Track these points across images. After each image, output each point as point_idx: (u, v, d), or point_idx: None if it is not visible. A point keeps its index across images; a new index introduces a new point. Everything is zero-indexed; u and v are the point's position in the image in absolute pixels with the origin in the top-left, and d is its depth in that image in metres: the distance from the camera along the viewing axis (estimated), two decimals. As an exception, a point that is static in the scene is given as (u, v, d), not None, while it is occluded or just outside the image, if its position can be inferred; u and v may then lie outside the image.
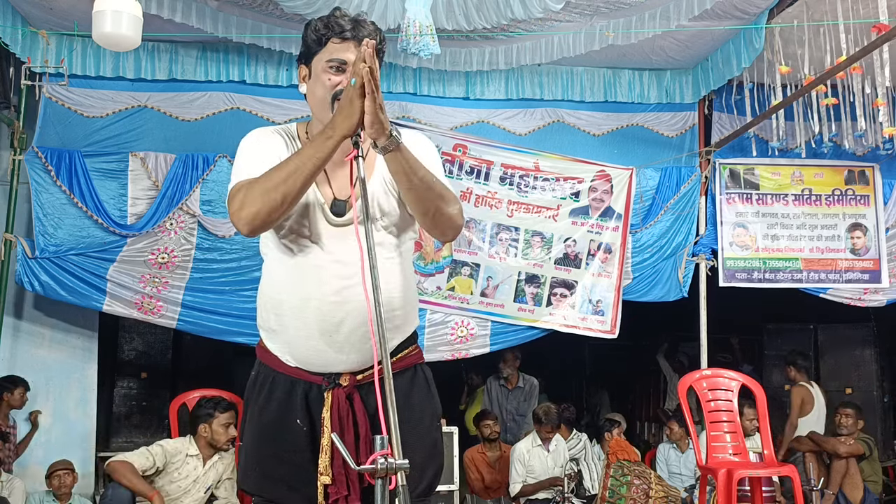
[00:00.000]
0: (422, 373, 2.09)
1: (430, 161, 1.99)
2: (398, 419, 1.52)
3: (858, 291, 6.02)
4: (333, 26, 1.95)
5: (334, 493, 1.93)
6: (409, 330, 2.06)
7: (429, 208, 1.91)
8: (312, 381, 1.99)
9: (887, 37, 4.10)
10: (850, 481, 5.51)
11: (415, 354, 2.08)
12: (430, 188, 1.89)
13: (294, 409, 1.99)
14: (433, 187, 1.89)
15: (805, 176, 6.08)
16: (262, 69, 5.56)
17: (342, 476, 1.93)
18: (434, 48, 4.43)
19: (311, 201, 1.95)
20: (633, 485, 5.27)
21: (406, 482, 1.49)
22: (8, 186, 5.23)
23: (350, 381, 1.97)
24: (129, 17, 4.03)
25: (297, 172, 1.79)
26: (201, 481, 4.42)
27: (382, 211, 1.97)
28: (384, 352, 1.59)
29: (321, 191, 1.97)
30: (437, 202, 1.91)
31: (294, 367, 2.01)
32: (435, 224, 1.96)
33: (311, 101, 2.02)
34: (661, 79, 6.01)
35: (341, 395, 1.96)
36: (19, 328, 5.35)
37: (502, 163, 5.72)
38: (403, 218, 2.02)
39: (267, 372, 2.05)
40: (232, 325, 5.29)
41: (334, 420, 1.94)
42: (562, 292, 5.76)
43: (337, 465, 1.93)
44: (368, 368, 1.96)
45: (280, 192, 1.79)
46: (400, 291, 1.99)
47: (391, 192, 1.99)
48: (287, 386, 2.01)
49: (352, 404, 1.97)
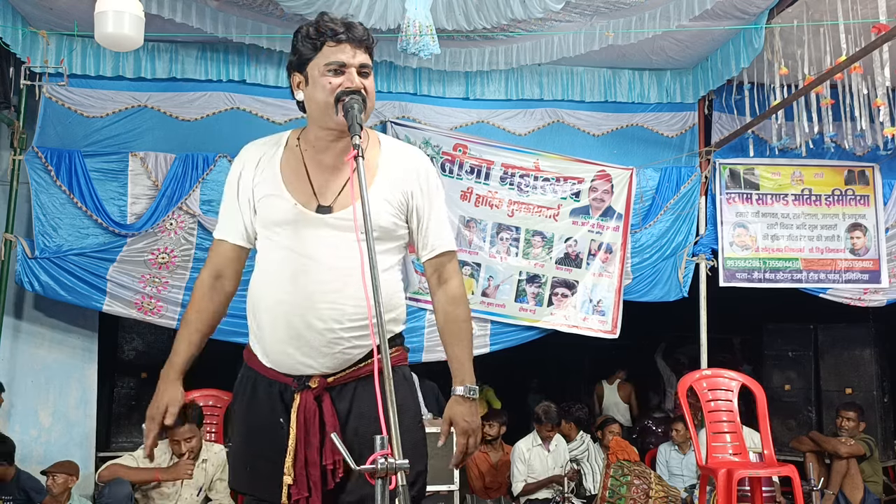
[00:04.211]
0: (402, 374, 2.08)
1: (435, 203, 2.13)
2: (373, 420, 1.54)
3: (858, 291, 6.02)
4: (327, 31, 1.98)
5: (296, 494, 1.95)
6: (390, 334, 2.06)
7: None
8: (286, 382, 2.03)
9: (887, 37, 4.10)
10: (851, 482, 5.51)
11: (394, 356, 2.06)
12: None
13: (276, 410, 2.02)
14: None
15: (805, 176, 6.08)
16: (262, 69, 5.56)
17: (303, 477, 1.95)
18: (434, 48, 4.43)
19: (288, 205, 2.01)
20: (633, 485, 5.27)
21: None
22: (8, 186, 5.23)
23: (320, 384, 1.99)
24: (131, 17, 4.03)
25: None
26: (192, 483, 4.44)
27: (376, 225, 1.99)
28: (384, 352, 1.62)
29: (299, 197, 2.01)
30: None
31: (269, 368, 2.05)
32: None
33: (310, 107, 2.04)
34: (661, 79, 6.01)
35: (309, 397, 1.98)
36: (19, 328, 5.34)
37: (502, 163, 5.72)
38: (395, 235, 2.08)
39: (249, 373, 2.10)
40: (232, 325, 5.20)
41: (300, 421, 1.97)
42: (563, 292, 5.76)
43: (299, 466, 1.96)
44: (339, 372, 2.00)
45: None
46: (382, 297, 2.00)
47: (389, 211, 2.04)
48: (266, 387, 2.05)
49: (320, 406, 1.98)
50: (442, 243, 2.15)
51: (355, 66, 1.98)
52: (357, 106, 1.91)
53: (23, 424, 5.23)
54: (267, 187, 2.05)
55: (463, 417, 2.08)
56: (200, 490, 4.51)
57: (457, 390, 2.09)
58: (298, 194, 2.02)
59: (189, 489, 4.45)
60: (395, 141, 2.19)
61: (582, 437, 6.13)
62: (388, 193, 2.04)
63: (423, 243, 2.14)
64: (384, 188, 2.03)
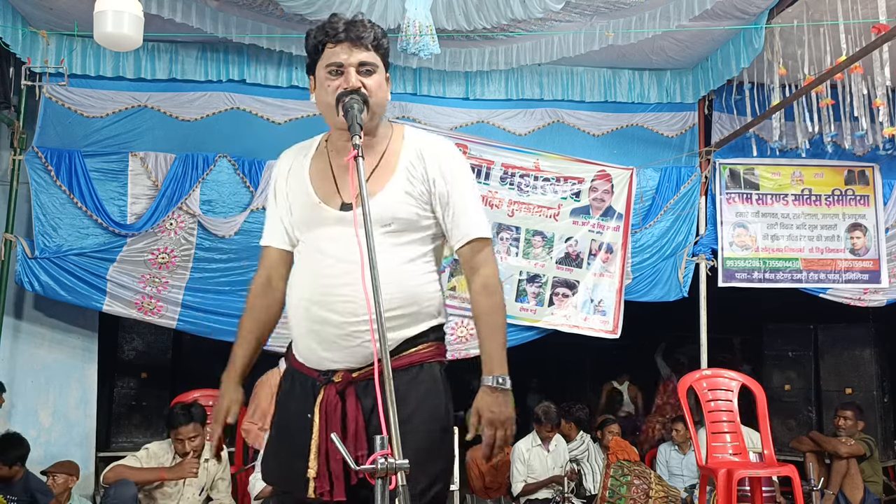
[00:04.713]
0: (428, 372, 2.05)
1: (458, 189, 2.08)
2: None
3: (858, 291, 6.02)
4: (328, 31, 2.00)
5: (319, 487, 1.96)
6: (415, 328, 2.04)
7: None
8: (314, 376, 2.04)
9: (887, 37, 4.10)
10: (851, 482, 5.50)
11: (425, 352, 2.05)
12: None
13: (306, 404, 2.03)
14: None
15: (805, 176, 6.08)
16: (262, 69, 5.57)
17: (325, 470, 1.96)
18: (434, 48, 4.44)
19: (313, 204, 2.05)
20: (633, 485, 5.27)
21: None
22: (8, 186, 5.23)
23: (343, 378, 1.99)
24: (131, 17, 4.03)
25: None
26: (195, 483, 4.45)
27: (395, 218, 2.00)
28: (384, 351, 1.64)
29: (323, 194, 2.05)
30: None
31: (301, 363, 2.08)
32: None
33: (320, 109, 2.07)
34: (661, 79, 6.01)
35: (332, 391, 1.99)
36: (19, 328, 5.34)
37: (503, 163, 5.72)
38: (419, 225, 2.06)
39: (290, 368, 2.14)
40: (232, 325, 5.23)
41: (322, 416, 1.98)
42: (563, 292, 5.76)
43: (321, 460, 1.96)
44: (365, 367, 1.98)
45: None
46: (402, 291, 1.99)
47: (410, 202, 2.03)
48: (302, 381, 2.07)
49: (344, 401, 1.98)
50: (470, 231, 2.08)
51: (353, 66, 1.98)
52: (357, 106, 1.92)
53: (23, 424, 5.22)
54: (297, 190, 2.11)
55: (489, 408, 2.01)
56: (202, 489, 4.51)
57: (485, 380, 2.04)
58: (323, 194, 2.06)
59: (191, 489, 4.46)
60: (418, 132, 2.17)
61: (582, 438, 6.12)
62: (409, 185, 2.03)
63: (452, 232, 2.09)
64: (404, 180, 2.03)
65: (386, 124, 2.12)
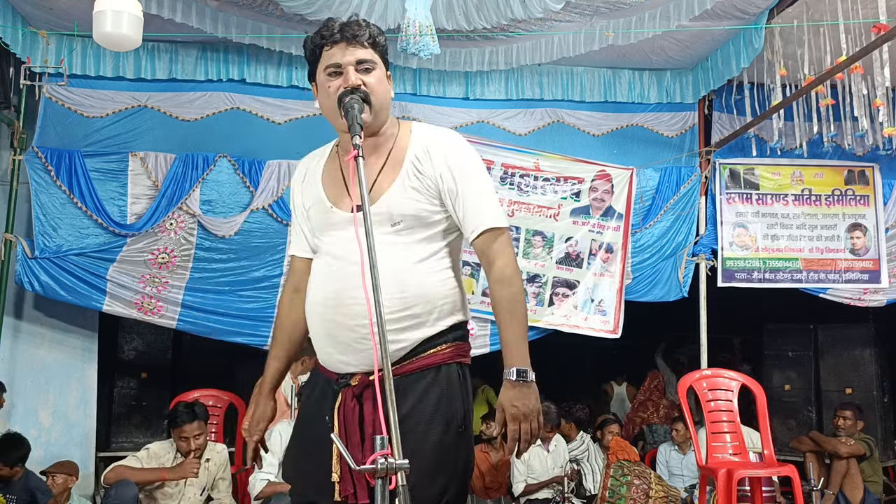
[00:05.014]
0: (445, 374, 2.00)
1: (466, 181, 2.05)
2: (402, 422, 1.53)
3: (858, 291, 6.02)
4: (324, 34, 2.01)
5: (343, 490, 1.95)
6: (431, 328, 2.00)
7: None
8: (333, 379, 2.05)
9: (887, 37, 4.10)
10: (851, 481, 5.50)
11: (441, 354, 2.00)
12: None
13: (326, 408, 2.04)
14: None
15: (805, 176, 6.08)
16: (262, 69, 5.56)
17: (347, 474, 1.95)
18: (434, 48, 4.43)
19: (326, 208, 2.06)
20: (633, 485, 5.27)
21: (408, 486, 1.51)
22: (8, 186, 5.23)
23: (360, 382, 1.98)
24: (130, 16, 4.03)
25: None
26: (196, 483, 4.44)
27: (403, 216, 1.99)
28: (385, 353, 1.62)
29: (334, 198, 2.06)
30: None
31: (322, 367, 2.09)
32: None
33: (325, 115, 2.07)
34: (661, 79, 6.01)
35: (348, 394, 1.99)
36: (19, 328, 5.34)
37: (503, 163, 5.72)
38: (430, 222, 2.03)
39: (314, 371, 2.16)
40: (232, 325, 5.29)
41: (340, 419, 1.98)
42: (564, 292, 5.76)
43: (344, 463, 1.95)
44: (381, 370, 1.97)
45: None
46: (412, 290, 1.96)
47: (418, 199, 2.01)
48: (323, 385, 2.08)
49: (362, 404, 1.97)
50: (482, 221, 2.02)
51: (351, 64, 1.98)
52: (357, 106, 1.92)
53: (23, 424, 5.22)
54: (311, 196, 2.13)
55: (511, 402, 1.94)
56: (203, 489, 4.51)
57: (507, 374, 1.98)
58: (334, 197, 2.06)
59: (192, 489, 4.46)
60: (426, 127, 2.15)
61: (582, 438, 6.12)
62: (416, 181, 2.01)
63: (464, 225, 2.04)
64: (411, 176, 2.02)
65: (393, 122, 2.11)
